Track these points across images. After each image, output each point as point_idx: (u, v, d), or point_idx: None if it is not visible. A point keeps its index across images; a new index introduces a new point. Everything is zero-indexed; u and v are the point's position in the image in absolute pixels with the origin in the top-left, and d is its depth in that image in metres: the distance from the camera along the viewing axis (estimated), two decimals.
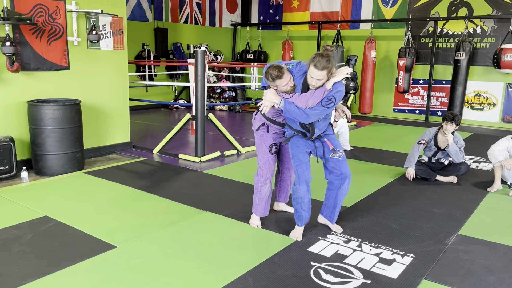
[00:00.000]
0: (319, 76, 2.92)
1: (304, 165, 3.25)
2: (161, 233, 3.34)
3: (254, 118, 3.53)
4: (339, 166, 3.30)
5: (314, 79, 2.94)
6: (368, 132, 8.08)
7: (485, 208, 4.11)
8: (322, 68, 2.89)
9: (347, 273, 2.80)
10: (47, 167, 4.79)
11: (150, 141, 6.64)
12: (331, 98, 2.99)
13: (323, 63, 2.88)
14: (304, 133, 3.23)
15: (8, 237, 3.22)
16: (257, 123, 3.47)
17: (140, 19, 9.78)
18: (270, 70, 3.04)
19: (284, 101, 3.06)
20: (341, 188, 3.35)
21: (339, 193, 3.37)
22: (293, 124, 3.23)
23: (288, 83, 3.08)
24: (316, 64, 2.89)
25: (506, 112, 8.99)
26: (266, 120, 3.42)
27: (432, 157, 5.01)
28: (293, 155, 3.28)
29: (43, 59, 4.99)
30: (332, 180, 3.37)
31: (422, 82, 9.77)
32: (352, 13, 10.40)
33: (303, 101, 3.04)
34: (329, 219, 3.46)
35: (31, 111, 4.73)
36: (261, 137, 3.47)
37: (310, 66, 2.93)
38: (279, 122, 3.41)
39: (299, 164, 3.25)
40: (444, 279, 2.75)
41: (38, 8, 4.87)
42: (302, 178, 3.25)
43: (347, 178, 3.32)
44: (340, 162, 3.30)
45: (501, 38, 8.70)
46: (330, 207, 3.42)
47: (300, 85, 3.11)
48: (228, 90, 10.84)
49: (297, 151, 3.26)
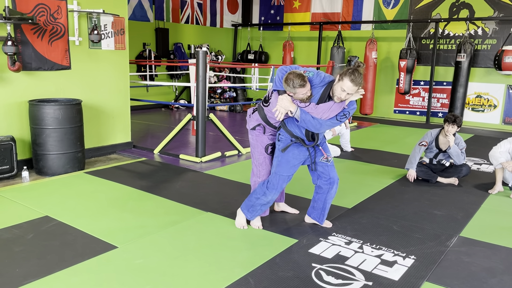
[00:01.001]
0: (353, 91, 2.98)
1: (285, 178, 3.30)
2: (162, 234, 3.33)
3: (249, 116, 3.47)
4: (328, 171, 3.34)
5: (345, 93, 2.97)
6: (369, 133, 8.08)
7: (486, 210, 4.11)
8: (358, 84, 2.95)
9: (348, 274, 2.80)
10: (48, 167, 4.78)
11: (151, 141, 6.64)
12: (346, 114, 3.10)
13: (360, 80, 2.95)
14: (303, 140, 3.24)
15: (9, 237, 3.21)
16: (253, 123, 3.43)
17: (141, 19, 9.78)
18: (293, 78, 3.00)
19: (301, 110, 3.06)
20: (329, 192, 3.39)
21: (328, 196, 3.41)
22: (296, 129, 3.23)
23: (307, 93, 3.07)
24: (354, 80, 2.93)
25: (507, 114, 8.99)
26: (263, 121, 3.38)
27: (433, 159, 5.00)
28: (280, 164, 3.27)
29: (44, 59, 4.98)
30: (320, 185, 3.40)
31: (423, 84, 9.77)
32: (353, 14, 10.39)
33: (319, 112, 3.06)
34: (318, 220, 3.51)
35: (32, 110, 4.73)
36: (256, 137, 3.44)
37: (344, 79, 2.95)
38: (275, 126, 3.39)
39: (281, 176, 3.28)
40: (446, 281, 2.75)
41: (39, 8, 4.87)
42: (277, 188, 3.31)
43: (335, 182, 3.37)
44: (329, 167, 3.34)
45: (502, 39, 8.69)
46: (319, 209, 3.46)
47: (318, 95, 3.09)
48: (229, 91, 10.84)
49: (287, 164, 3.26)
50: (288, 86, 3.03)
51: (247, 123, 3.51)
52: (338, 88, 2.99)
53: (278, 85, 3.17)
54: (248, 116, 3.50)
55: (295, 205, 3.92)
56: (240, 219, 3.49)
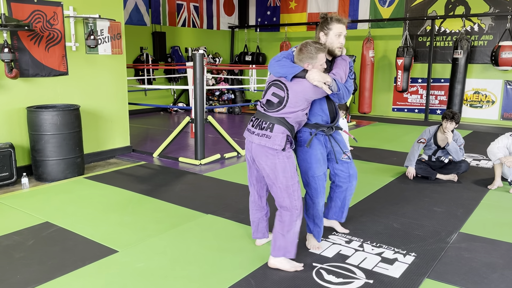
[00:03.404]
0: (345, 30, 2.81)
1: (323, 177, 2.97)
2: (163, 237, 3.34)
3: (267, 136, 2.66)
4: (347, 169, 3.12)
5: (342, 35, 2.80)
6: (367, 132, 8.08)
7: (486, 206, 4.11)
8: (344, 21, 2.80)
9: (349, 273, 2.80)
10: (47, 173, 4.79)
11: (150, 145, 6.64)
12: (352, 69, 2.92)
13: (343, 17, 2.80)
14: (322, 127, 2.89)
15: (10, 243, 3.22)
16: (282, 138, 2.65)
17: (138, 23, 9.79)
18: (309, 45, 2.67)
19: (336, 79, 2.74)
20: (348, 189, 3.17)
21: (347, 193, 3.19)
22: (315, 117, 2.90)
23: (324, 63, 2.73)
24: (341, 20, 2.78)
25: (505, 109, 9.00)
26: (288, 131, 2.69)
27: (432, 156, 5.01)
28: (310, 167, 2.91)
29: (41, 65, 4.99)
30: (338, 183, 3.16)
31: (421, 81, 9.78)
32: (349, 13, 10.40)
33: (342, 78, 2.79)
34: (338, 218, 3.29)
35: (31, 117, 4.73)
36: (287, 158, 2.70)
37: (332, 27, 2.78)
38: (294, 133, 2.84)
39: (318, 177, 2.93)
40: (447, 278, 2.75)
41: (35, 14, 4.88)
42: (321, 191, 2.98)
43: (355, 178, 3.16)
44: (349, 164, 3.12)
45: (498, 35, 8.71)
46: (337, 207, 3.25)
47: None
48: (227, 93, 10.85)
49: (317, 162, 2.91)
50: (310, 56, 2.66)
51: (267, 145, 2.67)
52: (334, 37, 2.80)
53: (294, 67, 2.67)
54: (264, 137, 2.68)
55: None
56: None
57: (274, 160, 2.69)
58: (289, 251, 2.80)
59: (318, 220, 3.08)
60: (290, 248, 2.79)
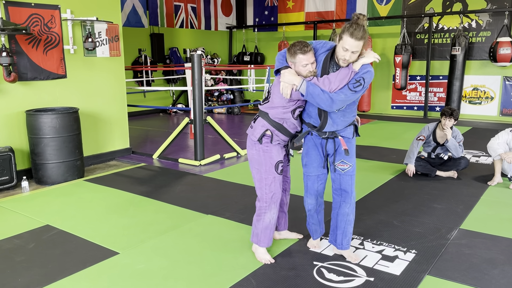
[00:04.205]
0: (356, 47, 2.49)
1: (313, 178, 2.90)
2: (163, 238, 3.34)
3: (252, 126, 2.90)
4: (339, 180, 2.85)
5: (349, 51, 2.50)
6: (367, 130, 8.09)
7: (486, 202, 4.11)
8: (360, 37, 2.47)
9: (350, 271, 2.81)
10: (48, 176, 4.79)
11: (150, 147, 6.64)
12: (360, 80, 2.57)
13: (361, 33, 2.46)
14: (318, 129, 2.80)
15: (11, 247, 3.22)
16: (259, 131, 2.83)
17: (135, 25, 9.80)
18: (295, 43, 2.65)
19: (307, 83, 2.60)
20: (340, 208, 2.89)
21: (339, 212, 2.91)
22: (311, 115, 2.79)
23: (308, 66, 2.65)
24: (354, 33, 2.46)
25: (504, 105, 9.00)
26: (271, 126, 2.82)
27: (431, 153, 5.01)
28: (306, 164, 2.92)
29: (40, 68, 4.99)
30: (333, 194, 2.95)
31: (419, 78, 9.78)
32: (347, 12, 10.41)
33: (326, 84, 2.60)
34: (333, 243, 3.01)
35: (30, 120, 4.74)
36: (264, 152, 2.84)
37: (343, 37, 2.50)
38: (288, 130, 2.85)
39: (308, 176, 2.92)
40: (447, 274, 2.75)
41: (33, 18, 4.88)
42: (309, 191, 2.96)
43: (348, 194, 2.85)
44: (341, 176, 2.83)
45: (496, 31, 8.71)
46: (333, 226, 2.99)
47: (321, 63, 2.68)
48: (226, 93, 10.85)
49: (309, 161, 2.88)
50: (289, 54, 2.66)
51: (249, 136, 2.91)
52: (340, 49, 2.55)
53: (279, 63, 2.78)
54: (250, 128, 2.94)
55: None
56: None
57: (252, 150, 2.89)
58: (260, 240, 2.94)
59: (310, 218, 3.08)
60: (261, 237, 2.94)
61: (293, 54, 2.65)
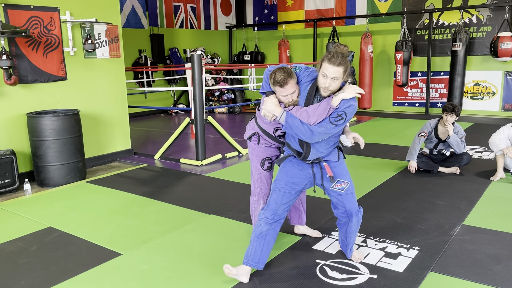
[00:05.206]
0: (335, 73, 2.48)
1: (280, 193, 2.74)
2: (166, 238, 3.34)
3: (248, 124, 3.12)
4: (343, 202, 2.78)
5: (329, 78, 2.49)
6: (368, 127, 8.07)
7: (489, 197, 4.10)
8: (338, 63, 2.47)
9: (353, 269, 2.80)
10: (49, 178, 4.79)
11: (151, 147, 6.65)
12: (341, 114, 2.54)
13: (339, 59, 2.47)
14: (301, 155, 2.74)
15: (13, 249, 3.22)
16: (249, 131, 3.05)
17: (135, 26, 9.80)
18: (276, 71, 2.63)
19: (286, 114, 2.58)
20: (349, 225, 2.85)
21: (348, 230, 2.87)
22: (292, 141, 2.76)
23: (289, 96, 2.63)
24: (332, 59, 2.47)
25: (506, 100, 8.97)
26: (259, 130, 2.96)
27: (433, 149, 5.00)
28: (276, 178, 2.80)
29: (40, 71, 5.00)
30: (338, 217, 2.90)
31: (421, 75, 9.76)
32: (347, 9, 10.39)
33: (303, 117, 2.58)
34: (345, 252, 2.99)
35: (31, 123, 4.74)
36: (252, 150, 3.04)
37: (322, 64, 2.52)
38: (274, 136, 2.92)
39: (274, 190, 2.77)
40: (451, 271, 2.74)
41: (33, 20, 4.88)
42: (270, 206, 2.74)
43: (353, 215, 2.81)
44: (343, 196, 2.77)
45: (497, 26, 8.68)
46: (343, 242, 2.96)
47: (305, 92, 2.65)
48: (227, 93, 10.85)
49: (285, 176, 2.76)
50: (271, 82, 2.66)
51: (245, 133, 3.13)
52: (320, 76, 2.54)
53: (264, 86, 2.79)
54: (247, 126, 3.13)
55: None
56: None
57: (248, 148, 3.15)
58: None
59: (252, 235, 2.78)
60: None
61: (273, 84, 2.64)
